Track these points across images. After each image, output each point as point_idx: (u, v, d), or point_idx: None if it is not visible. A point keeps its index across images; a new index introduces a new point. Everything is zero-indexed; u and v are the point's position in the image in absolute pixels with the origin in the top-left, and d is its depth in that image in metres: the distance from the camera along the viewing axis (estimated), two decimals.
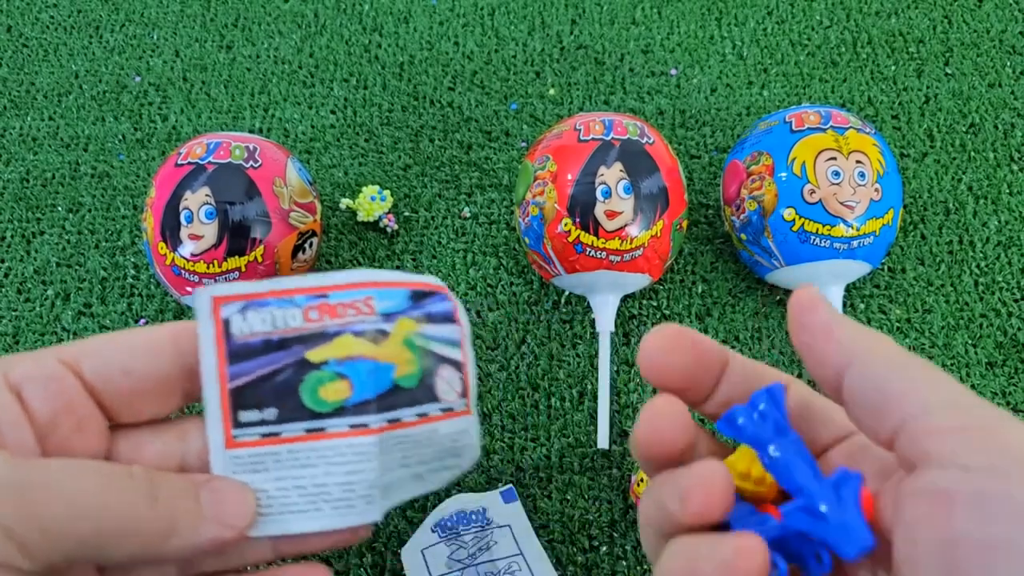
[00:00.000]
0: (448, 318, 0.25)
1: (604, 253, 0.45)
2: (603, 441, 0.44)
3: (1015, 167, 0.56)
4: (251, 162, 0.45)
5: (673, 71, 0.61)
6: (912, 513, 0.18)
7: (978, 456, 0.17)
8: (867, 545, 0.19)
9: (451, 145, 0.58)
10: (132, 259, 0.53)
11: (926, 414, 0.18)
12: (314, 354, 0.23)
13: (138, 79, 0.63)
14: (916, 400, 0.19)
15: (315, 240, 0.48)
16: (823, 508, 0.20)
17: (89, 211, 0.56)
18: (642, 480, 0.42)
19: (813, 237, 0.44)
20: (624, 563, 0.42)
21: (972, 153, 0.56)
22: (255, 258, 0.44)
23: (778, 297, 0.51)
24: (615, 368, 0.48)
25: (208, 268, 0.44)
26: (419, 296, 0.25)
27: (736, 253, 0.52)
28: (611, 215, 0.44)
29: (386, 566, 0.42)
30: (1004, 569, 0.16)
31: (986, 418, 0.18)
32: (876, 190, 0.45)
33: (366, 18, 0.66)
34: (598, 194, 0.44)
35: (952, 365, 0.48)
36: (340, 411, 0.23)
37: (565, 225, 0.44)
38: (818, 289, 0.22)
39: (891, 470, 0.21)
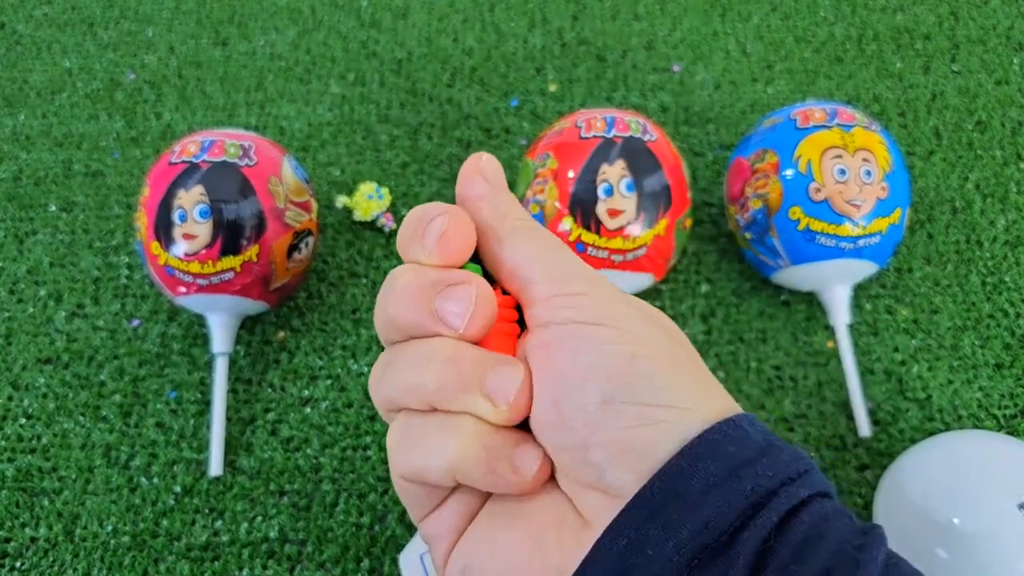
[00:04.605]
0: None
1: (606, 252, 0.44)
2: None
3: (1023, 165, 0.55)
4: (246, 160, 0.44)
5: (676, 67, 0.60)
6: (531, 360, 0.23)
7: (566, 312, 0.22)
8: None
9: (450, 143, 0.57)
10: (125, 259, 0.53)
11: (532, 284, 0.23)
12: None
13: (132, 76, 0.62)
14: (525, 273, 0.23)
15: (311, 239, 0.47)
16: None
17: (82, 210, 0.55)
18: None
19: (819, 236, 0.44)
20: None
21: (979, 151, 0.55)
22: (250, 258, 0.43)
23: (783, 297, 0.50)
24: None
25: (202, 268, 0.43)
26: None
27: (740, 252, 0.51)
28: (613, 213, 0.43)
29: (384, 572, 0.42)
30: (592, 387, 0.21)
31: (576, 284, 0.23)
32: (883, 188, 0.44)
33: (363, 14, 0.65)
34: (600, 192, 0.43)
35: (960, 366, 0.47)
36: None
37: (566, 223, 0.44)
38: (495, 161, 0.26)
39: None
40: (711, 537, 0.20)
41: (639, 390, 0.21)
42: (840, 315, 0.46)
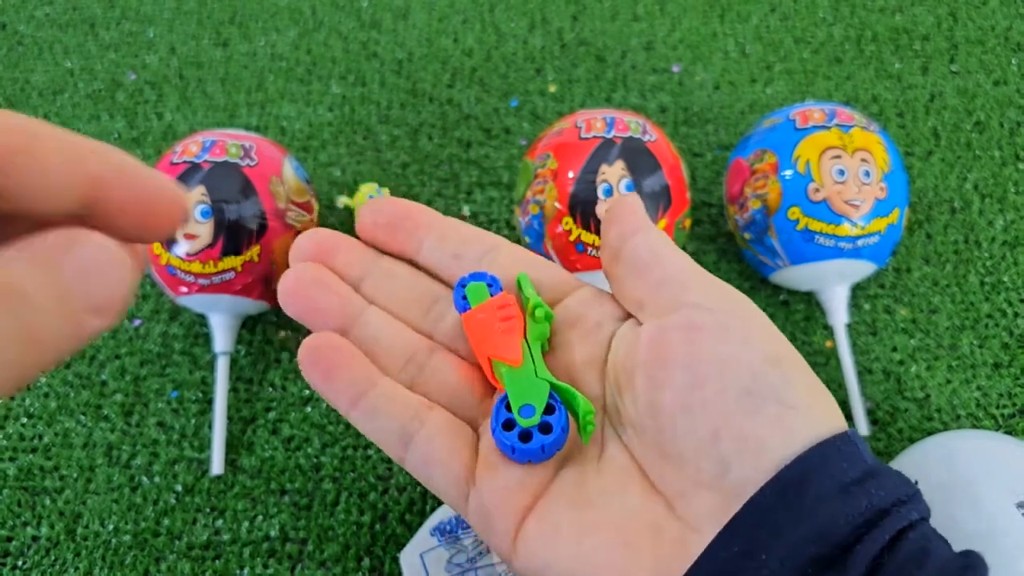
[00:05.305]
0: None
1: None
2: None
3: (1021, 165, 0.55)
4: (247, 160, 0.44)
5: (675, 68, 0.61)
6: (663, 340, 0.23)
7: (720, 302, 0.24)
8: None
9: (450, 143, 0.57)
10: None
11: (683, 273, 0.25)
12: None
13: (133, 76, 0.62)
14: (674, 266, 0.25)
15: None
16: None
17: None
18: None
19: (818, 236, 0.44)
20: None
21: (978, 151, 0.56)
22: (251, 258, 0.44)
23: (782, 297, 0.50)
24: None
25: (203, 267, 0.43)
26: None
27: (740, 253, 0.52)
28: None
29: (384, 570, 0.42)
30: (734, 378, 0.22)
31: (716, 280, 0.25)
32: (881, 188, 0.44)
33: (364, 14, 0.65)
34: (599, 192, 0.43)
35: (958, 366, 0.47)
36: None
37: (566, 224, 0.44)
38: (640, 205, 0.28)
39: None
40: (824, 548, 0.20)
41: (780, 391, 0.21)
42: (839, 315, 0.46)
